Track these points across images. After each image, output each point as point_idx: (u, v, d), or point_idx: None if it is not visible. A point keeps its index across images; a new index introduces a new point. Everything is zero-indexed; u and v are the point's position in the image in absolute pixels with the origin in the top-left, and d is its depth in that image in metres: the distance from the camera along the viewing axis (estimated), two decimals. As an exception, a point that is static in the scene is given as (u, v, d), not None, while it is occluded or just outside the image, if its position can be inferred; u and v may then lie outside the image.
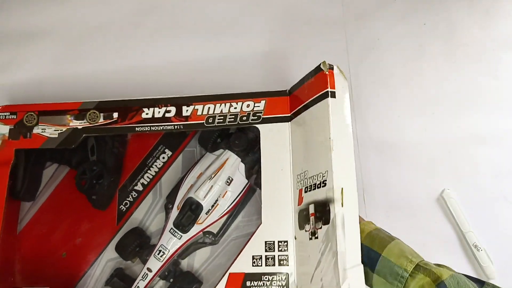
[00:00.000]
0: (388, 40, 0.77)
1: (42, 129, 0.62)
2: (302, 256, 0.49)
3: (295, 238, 0.50)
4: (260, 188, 0.63)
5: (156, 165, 0.68)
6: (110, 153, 0.66)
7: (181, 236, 0.60)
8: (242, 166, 0.62)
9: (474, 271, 0.66)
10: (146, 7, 0.80)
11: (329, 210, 0.47)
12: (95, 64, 0.77)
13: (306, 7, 0.78)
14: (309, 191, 0.50)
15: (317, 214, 0.49)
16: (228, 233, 0.64)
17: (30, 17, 0.81)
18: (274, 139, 0.57)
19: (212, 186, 0.60)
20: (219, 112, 0.60)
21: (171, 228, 0.61)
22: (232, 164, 0.61)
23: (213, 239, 0.63)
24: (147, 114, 0.61)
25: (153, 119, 0.61)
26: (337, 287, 0.45)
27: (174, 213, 0.61)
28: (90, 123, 0.61)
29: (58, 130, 0.61)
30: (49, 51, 0.78)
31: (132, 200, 0.67)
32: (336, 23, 0.78)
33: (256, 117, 0.58)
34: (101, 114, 0.61)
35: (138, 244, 0.63)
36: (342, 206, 0.47)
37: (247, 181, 0.62)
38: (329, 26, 0.78)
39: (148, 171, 0.68)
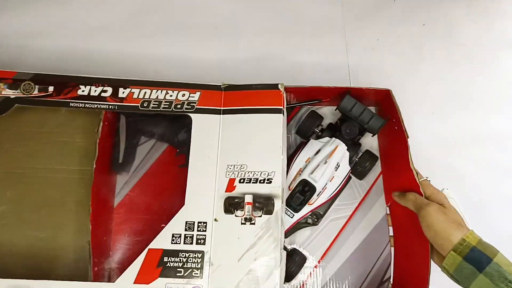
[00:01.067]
0: (387, 41, 0.79)
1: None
2: (225, 236, 0.56)
3: (215, 220, 0.57)
4: (356, 176, 0.70)
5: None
6: None
7: (293, 215, 0.64)
8: (347, 154, 0.67)
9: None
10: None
11: (273, 203, 0.57)
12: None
13: (306, 7, 0.80)
14: (247, 183, 0.58)
15: (256, 205, 0.57)
16: (326, 215, 0.69)
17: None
18: (205, 129, 0.61)
19: (325, 170, 0.64)
20: (154, 97, 0.62)
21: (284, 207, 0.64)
22: (341, 152, 0.66)
23: (315, 220, 0.67)
24: (83, 91, 0.62)
25: (88, 97, 0.61)
26: (275, 266, 0.55)
27: (285, 194, 0.65)
28: (24, 94, 0.61)
29: (-13, 97, 0.61)
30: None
31: (231, 179, 0.70)
32: (336, 23, 0.79)
33: (190, 107, 0.62)
34: (36, 86, 0.61)
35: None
36: (282, 202, 0.58)
37: (350, 168, 0.67)
38: (329, 27, 0.79)
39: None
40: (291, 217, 0.64)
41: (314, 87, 0.67)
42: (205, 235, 0.56)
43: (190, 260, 0.55)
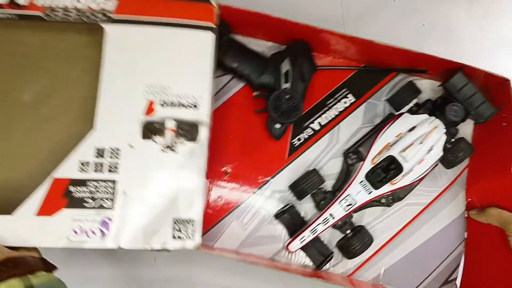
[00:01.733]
0: (387, 41, 0.75)
1: None
2: (141, 164, 0.49)
3: (131, 147, 0.50)
4: (443, 164, 0.63)
5: (336, 108, 0.65)
6: (301, 85, 0.61)
7: (371, 191, 0.58)
8: (444, 138, 0.59)
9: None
10: None
11: (199, 131, 0.51)
12: None
13: (306, 7, 0.75)
14: (167, 106, 0.51)
15: (180, 131, 0.51)
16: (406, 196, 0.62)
17: None
18: (121, 43, 0.52)
19: (419, 151, 0.57)
20: (62, 6, 0.51)
21: (362, 180, 0.58)
22: (438, 134, 0.59)
23: (390, 201, 0.61)
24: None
25: None
26: (198, 195, 0.49)
27: (367, 165, 0.58)
28: None
29: None
30: None
31: (307, 137, 0.63)
32: (335, 23, 0.76)
33: (104, 17, 0.52)
34: None
35: (315, 187, 0.60)
36: (206, 126, 0.51)
37: (442, 154, 0.60)
38: (329, 26, 0.74)
39: (328, 112, 0.64)
40: (368, 193, 0.58)
41: (420, 54, 0.59)
42: (118, 162, 0.50)
43: (100, 189, 0.49)
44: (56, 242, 0.46)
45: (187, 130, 0.51)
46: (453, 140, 0.62)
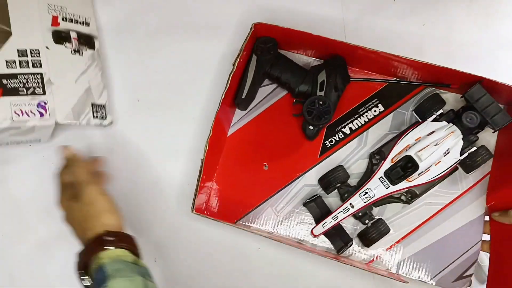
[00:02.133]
0: (387, 41, 0.77)
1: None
2: (60, 61, 0.66)
3: (47, 48, 0.64)
4: (463, 168, 0.68)
5: (366, 115, 0.73)
6: (334, 94, 0.70)
7: (389, 186, 0.65)
8: (460, 143, 0.65)
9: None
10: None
11: (94, 42, 0.70)
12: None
13: (306, 7, 0.78)
14: (68, 21, 0.68)
15: (81, 40, 0.69)
16: (422, 197, 0.69)
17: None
18: None
19: (433, 152, 0.64)
20: None
21: (381, 176, 0.66)
22: (455, 139, 0.65)
23: (409, 199, 0.68)
24: None
25: None
26: (104, 88, 0.70)
27: (387, 164, 0.66)
28: None
29: None
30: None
31: (337, 139, 0.73)
32: (335, 23, 0.78)
33: None
34: None
35: (340, 181, 0.69)
36: (98, 39, 0.71)
37: (459, 158, 0.66)
38: (329, 27, 0.77)
39: (358, 119, 0.73)
40: (386, 188, 0.65)
41: (444, 68, 0.66)
42: (40, 60, 0.62)
43: (30, 80, 0.61)
44: (2, 122, 0.59)
45: (86, 40, 0.70)
46: (474, 146, 0.68)
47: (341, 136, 0.73)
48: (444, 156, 0.65)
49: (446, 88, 0.72)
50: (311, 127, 0.71)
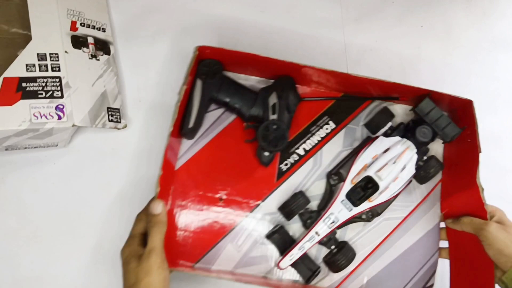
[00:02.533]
0: (386, 42, 0.80)
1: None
2: (77, 66, 0.66)
3: (66, 52, 0.64)
4: (417, 180, 0.69)
5: (319, 134, 0.71)
6: (286, 115, 0.67)
7: (352, 209, 0.64)
8: (415, 157, 0.66)
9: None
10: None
11: (109, 47, 0.71)
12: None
13: (306, 9, 0.80)
14: (85, 27, 0.69)
15: (98, 46, 0.70)
16: (384, 211, 0.69)
17: None
18: None
19: (392, 170, 0.64)
20: None
21: (344, 199, 0.64)
22: (410, 154, 0.65)
23: (370, 217, 0.67)
24: None
25: None
26: (118, 92, 0.70)
27: (347, 186, 0.65)
28: None
29: None
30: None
31: (293, 162, 0.70)
32: (335, 24, 0.80)
33: None
34: None
35: (302, 208, 0.66)
36: (113, 45, 0.72)
37: (415, 171, 0.67)
38: (328, 28, 0.80)
39: (311, 138, 0.71)
40: (349, 211, 0.64)
41: (392, 83, 0.66)
42: (59, 64, 0.63)
43: (48, 84, 0.62)
44: (21, 124, 0.59)
45: (102, 46, 0.71)
46: (425, 158, 0.69)
47: (296, 158, 0.70)
48: (401, 171, 0.65)
49: (395, 101, 0.72)
50: (266, 153, 0.67)
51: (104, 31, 0.72)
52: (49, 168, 0.69)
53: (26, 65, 0.61)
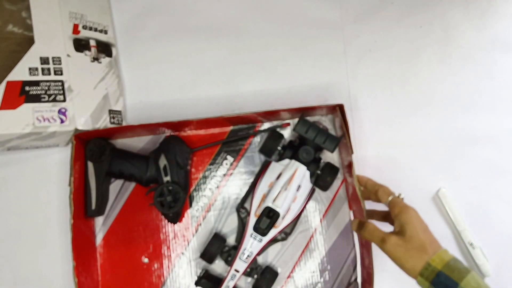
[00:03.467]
0: (385, 43, 0.81)
1: None
2: (79, 69, 0.68)
3: (68, 56, 0.66)
4: (319, 188, 0.73)
5: (220, 171, 0.75)
6: (180, 172, 0.70)
7: (261, 239, 0.69)
8: (308, 174, 0.70)
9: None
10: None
11: (111, 50, 0.73)
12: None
13: (305, 10, 0.81)
14: (88, 29, 0.70)
15: (100, 48, 0.71)
16: (294, 228, 0.74)
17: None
18: None
19: (287, 196, 0.68)
20: None
21: (252, 233, 0.69)
22: (301, 174, 0.69)
23: (284, 236, 0.72)
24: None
25: None
26: (120, 94, 0.73)
27: (252, 220, 0.69)
28: None
29: None
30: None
31: (203, 205, 0.74)
32: (334, 25, 0.81)
33: None
34: None
35: (221, 249, 0.71)
36: (115, 47, 0.74)
37: (311, 185, 0.71)
38: (328, 29, 0.81)
39: (214, 178, 0.75)
40: (260, 242, 0.69)
41: (271, 111, 0.69)
42: (61, 67, 0.65)
43: (51, 87, 0.64)
44: (24, 128, 0.62)
45: (104, 48, 0.72)
46: (321, 164, 0.73)
47: (205, 201, 0.74)
48: (298, 191, 0.69)
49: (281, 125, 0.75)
50: (170, 214, 0.71)
51: (106, 33, 0.73)
52: (49, 167, 0.73)
53: (29, 68, 0.63)
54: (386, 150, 0.77)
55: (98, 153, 0.69)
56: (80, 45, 0.69)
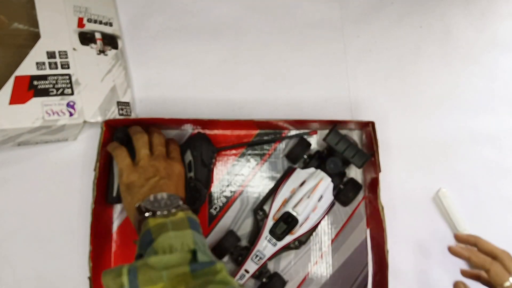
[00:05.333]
0: (385, 43, 0.81)
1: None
2: (86, 62, 0.69)
3: (74, 49, 0.67)
4: (340, 203, 0.73)
5: (242, 173, 0.75)
6: (204, 170, 0.71)
7: (276, 243, 0.69)
8: (331, 186, 0.70)
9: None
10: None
11: (117, 42, 0.74)
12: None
13: (305, 10, 0.81)
14: (93, 22, 0.71)
15: (105, 41, 0.72)
16: (309, 239, 0.73)
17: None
18: None
19: (308, 204, 0.68)
20: None
21: (268, 236, 0.69)
22: (325, 184, 0.69)
23: (298, 245, 0.72)
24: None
25: None
26: (128, 86, 0.73)
27: (270, 223, 0.69)
28: None
29: None
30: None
31: (221, 205, 0.74)
32: (334, 25, 0.81)
33: None
34: None
35: (234, 246, 0.71)
36: (121, 39, 0.74)
37: (333, 198, 0.71)
38: (328, 29, 0.81)
39: (235, 179, 0.75)
40: (274, 245, 0.69)
41: (301, 120, 0.70)
42: (68, 61, 0.66)
43: (59, 81, 0.64)
44: (34, 122, 0.62)
45: (110, 40, 0.73)
46: (345, 180, 0.73)
47: (224, 200, 0.74)
48: (319, 201, 0.69)
49: (308, 133, 0.76)
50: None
51: (112, 26, 0.74)
52: (57, 163, 0.73)
53: (37, 63, 0.64)
54: (386, 149, 0.75)
55: (125, 141, 0.70)
56: (86, 38, 0.70)
